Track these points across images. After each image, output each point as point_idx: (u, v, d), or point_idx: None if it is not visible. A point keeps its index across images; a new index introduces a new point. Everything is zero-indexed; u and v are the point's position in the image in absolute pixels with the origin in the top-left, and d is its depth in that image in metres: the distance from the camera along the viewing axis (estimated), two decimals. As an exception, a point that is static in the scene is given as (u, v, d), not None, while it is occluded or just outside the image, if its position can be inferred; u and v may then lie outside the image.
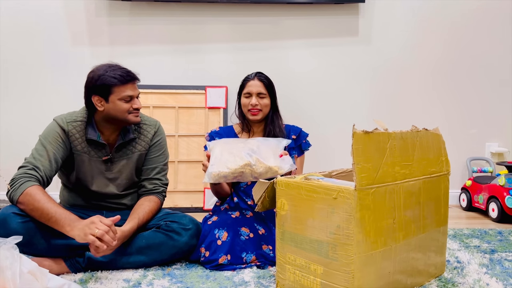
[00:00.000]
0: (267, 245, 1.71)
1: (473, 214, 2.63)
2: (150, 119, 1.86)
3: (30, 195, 1.48)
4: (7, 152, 2.72)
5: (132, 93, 1.67)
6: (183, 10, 2.75)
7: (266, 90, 1.92)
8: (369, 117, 2.76)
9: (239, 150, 1.65)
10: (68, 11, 2.72)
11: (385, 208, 1.26)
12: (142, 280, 1.52)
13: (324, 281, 1.27)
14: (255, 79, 1.94)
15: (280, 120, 1.98)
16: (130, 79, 1.66)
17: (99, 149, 1.72)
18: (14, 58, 2.72)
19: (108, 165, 1.74)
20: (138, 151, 1.78)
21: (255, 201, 1.47)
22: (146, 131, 1.81)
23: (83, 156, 1.70)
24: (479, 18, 2.84)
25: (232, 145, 1.70)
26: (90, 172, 1.71)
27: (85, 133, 1.69)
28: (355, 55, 2.83)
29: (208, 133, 2.02)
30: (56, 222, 1.46)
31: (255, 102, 1.90)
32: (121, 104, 1.66)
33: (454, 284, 1.47)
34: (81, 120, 1.70)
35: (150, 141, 1.81)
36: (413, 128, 1.41)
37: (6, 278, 1.11)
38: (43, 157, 1.60)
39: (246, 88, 1.94)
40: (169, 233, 1.64)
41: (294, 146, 1.98)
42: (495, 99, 2.88)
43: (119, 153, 1.75)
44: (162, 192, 1.80)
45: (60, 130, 1.66)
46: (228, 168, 1.61)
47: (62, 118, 1.70)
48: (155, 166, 1.80)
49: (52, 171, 1.62)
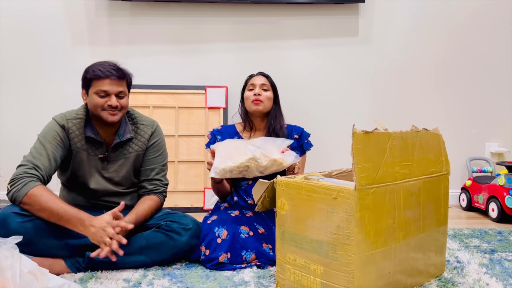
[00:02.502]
0: (267, 244, 1.71)
1: (473, 214, 2.63)
2: (148, 119, 1.85)
3: (36, 195, 1.48)
4: (7, 152, 2.72)
5: (107, 88, 1.64)
6: (183, 10, 2.76)
7: (269, 84, 1.97)
8: (369, 117, 2.76)
9: (244, 146, 1.68)
10: (68, 11, 2.72)
11: (385, 208, 1.27)
12: (142, 280, 1.52)
13: (324, 281, 1.27)
14: (259, 75, 2.00)
15: (282, 118, 1.99)
16: (109, 74, 1.64)
17: (97, 147, 1.72)
18: (14, 58, 2.72)
19: (104, 163, 1.74)
20: (135, 152, 1.78)
21: (255, 201, 1.47)
22: (143, 131, 1.81)
23: (82, 154, 1.70)
24: (479, 18, 2.84)
25: (236, 143, 1.74)
26: (88, 169, 1.72)
27: (84, 131, 1.70)
28: (355, 55, 2.83)
29: (210, 131, 2.03)
30: (67, 221, 1.49)
31: (258, 91, 1.92)
32: (96, 98, 1.64)
33: (454, 284, 1.47)
34: (81, 118, 1.70)
35: (147, 141, 1.80)
36: (413, 128, 1.41)
37: (6, 278, 1.11)
38: (42, 155, 1.60)
39: (250, 82, 1.98)
40: (169, 233, 1.64)
41: (296, 145, 1.98)
42: (495, 99, 2.88)
43: (115, 152, 1.75)
44: (163, 192, 1.81)
45: (59, 129, 1.66)
46: (234, 162, 1.63)
47: (61, 115, 1.70)
48: (153, 167, 1.80)
49: (52, 170, 1.62)
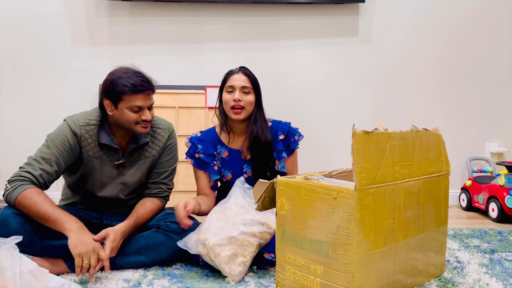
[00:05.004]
0: (269, 253, 1.61)
1: (473, 214, 2.63)
2: (164, 122, 1.79)
3: (26, 198, 1.46)
4: (7, 152, 2.71)
5: (142, 104, 1.58)
6: (183, 10, 2.75)
7: (251, 85, 1.79)
8: (369, 117, 2.76)
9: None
10: (68, 11, 2.72)
11: (385, 208, 1.26)
12: (142, 280, 1.52)
13: (324, 281, 1.27)
14: (239, 73, 1.81)
15: (264, 120, 1.85)
16: (143, 89, 1.57)
17: (111, 153, 1.67)
18: (14, 58, 2.72)
19: (120, 169, 1.70)
20: (152, 156, 1.74)
21: (255, 201, 1.47)
22: (160, 135, 1.75)
23: (94, 162, 1.65)
24: (479, 18, 2.84)
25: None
26: (99, 177, 1.67)
27: (98, 137, 1.64)
28: (355, 55, 2.83)
29: (189, 138, 1.88)
30: (54, 222, 1.45)
31: (239, 97, 1.75)
32: (129, 113, 1.58)
33: (454, 284, 1.47)
34: (94, 124, 1.64)
35: (164, 145, 1.76)
36: (413, 128, 1.41)
37: (6, 278, 1.11)
38: (45, 160, 1.56)
39: (229, 82, 1.80)
40: (169, 233, 1.64)
41: (282, 148, 1.86)
42: (495, 99, 2.88)
43: (132, 157, 1.71)
44: (166, 196, 1.80)
45: (70, 135, 1.60)
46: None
47: (74, 120, 1.63)
48: (164, 170, 1.77)
49: (53, 176, 1.58)
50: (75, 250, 1.40)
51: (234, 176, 1.86)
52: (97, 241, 1.47)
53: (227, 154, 1.88)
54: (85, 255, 1.41)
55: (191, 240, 1.53)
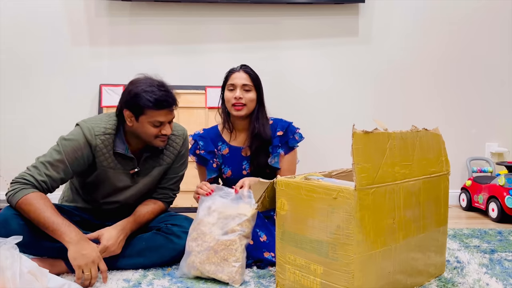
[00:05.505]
0: (269, 252, 1.64)
1: (473, 214, 2.63)
2: (178, 127, 1.76)
3: (27, 203, 1.45)
4: (7, 152, 2.71)
5: (163, 119, 1.57)
6: (183, 10, 2.76)
7: (252, 83, 1.81)
8: (369, 117, 2.75)
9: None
10: (68, 11, 2.72)
11: (385, 208, 1.26)
12: (142, 280, 1.52)
13: (324, 281, 1.27)
14: (240, 71, 1.83)
15: (265, 118, 1.86)
16: (167, 105, 1.56)
17: (127, 162, 1.64)
18: (14, 58, 2.72)
19: (134, 178, 1.68)
20: (166, 164, 1.72)
21: (255, 201, 1.47)
22: (175, 142, 1.73)
23: (108, 172, 1.62)
24: (479, 18, 2.84)
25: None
26: (112, 186, 1.65)
27: (113, 146, 1.60)
28: (355, 55, 2.83)
29: (192, 135, 1.90)
30: (53, 232, 1.43)
31: (240, 95, 1.78)
32: (150, 127, 1.56)
33: (454, 284, 1.47)
34: (110, 133, 1.60)
35: (178, 152, 1.74)
36: (413, 128, 1.41)
37: (6, 278, 1.12)
38: (53, 166, 1.52)
39: (231, 80, 1.82)
40: (169, 236, 1.63)
41: (278, 144, 1.85)
42: (495, 99, 2.88)
43: (146, 165, 1.69)
44: (170, 202, 1.80)
45: (84, 143, 1.56)
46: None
47: (90, 129, 1.57)
48: (174, 176, 1.76)
49: (58, 182, 1.55)
50: (74, 262, 1.41)
51: (233, 173, 1.87)
52: (91, 240, 1.49)
53: (228, 151, 1.89)
54: (85, 267, 1.41)
55: (183, 268, 1.54)
